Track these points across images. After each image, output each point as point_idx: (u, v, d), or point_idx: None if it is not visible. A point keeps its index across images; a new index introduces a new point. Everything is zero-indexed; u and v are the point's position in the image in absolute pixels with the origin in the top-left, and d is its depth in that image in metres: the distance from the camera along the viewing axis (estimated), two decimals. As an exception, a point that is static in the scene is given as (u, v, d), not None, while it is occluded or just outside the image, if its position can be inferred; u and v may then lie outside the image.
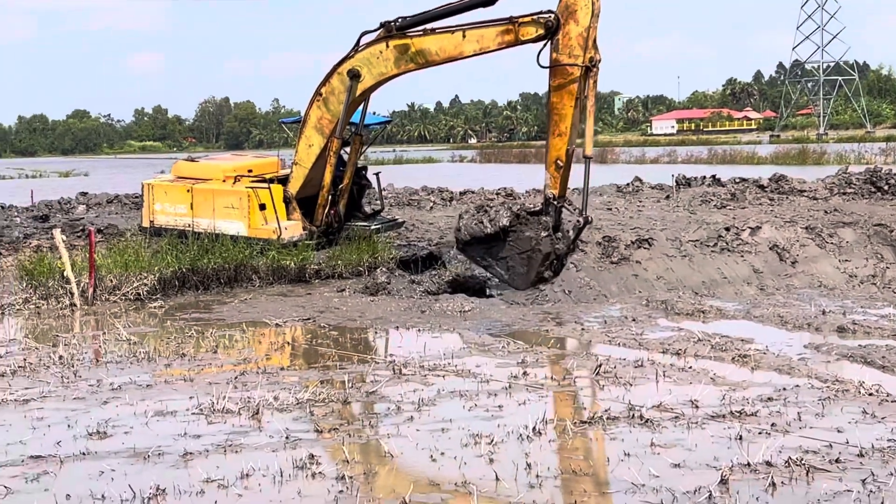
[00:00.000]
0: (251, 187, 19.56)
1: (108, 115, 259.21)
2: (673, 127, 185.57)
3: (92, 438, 9.09)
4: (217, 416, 9.75)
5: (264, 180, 19.91)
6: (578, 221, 16.72)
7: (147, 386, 11.15)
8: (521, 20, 16.72)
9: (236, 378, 11.42)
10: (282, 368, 12.06)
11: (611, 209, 25.41)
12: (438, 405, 10.10)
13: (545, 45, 16.56)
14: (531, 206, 17.69)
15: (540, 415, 9.39)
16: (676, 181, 32.84)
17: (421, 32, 17.84)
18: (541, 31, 16.54)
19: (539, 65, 16.54)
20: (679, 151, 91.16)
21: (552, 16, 16.38)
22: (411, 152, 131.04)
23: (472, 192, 34.17)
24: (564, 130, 16.52)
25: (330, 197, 19.69)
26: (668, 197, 29.16)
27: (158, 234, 19.85)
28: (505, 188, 35.04)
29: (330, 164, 19.36)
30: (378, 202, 22.17)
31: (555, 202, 16.71)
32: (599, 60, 16.47)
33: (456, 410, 9.87)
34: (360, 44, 18.52)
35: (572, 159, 16.91)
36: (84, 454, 8.60)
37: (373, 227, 20.53)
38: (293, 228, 19.45)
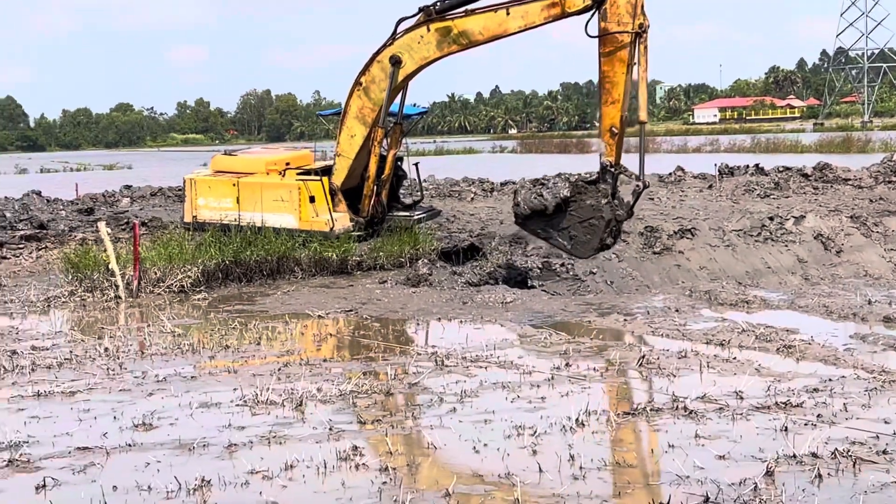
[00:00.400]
0: (301, 179, 19.62)
1: (151, 108, 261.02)
2: (715, 115, 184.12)
3: (138, 430, 9.17)
4: (261, 408, 9.81)
5: (307, 172, 19.97)
6: (638, 186, 16.64)
7: (191, 378, 11.23)
8: None
9: (280, 370, 11.48)
10: (325, 360, 12.10)
11: (653, 199, 25.28)
12: (481, 396, 10.10)
13: (592, 15, 16.46)
14: (587, 175, 17.64)
15: (583, 406, 9.37)
16: (719, 170, 32.61)
17: (462, 13, 17.85)
18: (588, 2, 16.51)
19: (587, 34, 16.40)
20: (721, 140, 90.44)
21: None
22: (452, 143, 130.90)
23: (513, 183, 34.08)
24: (617, 98, 16.46)
25: (374, 187, 19.75)
26: (710, 186, 28.96)
27: (202, 229, 19.86)
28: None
29: (374, 154, 19.41)
30: (418, 192, 22.21)
31: (611, 169, 16.65)
32: (649, 26, 16.34)
33: (498, 402, 9.87)
34: (399, 30, 18.55)
35: (625, 126, 16.88)
36: (130, 445, 8.68)
37: (414, 217, 20.57)
38: (342, 220, 19.53)
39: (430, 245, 19.61)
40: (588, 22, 16.51)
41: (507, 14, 17.40)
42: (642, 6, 16.40)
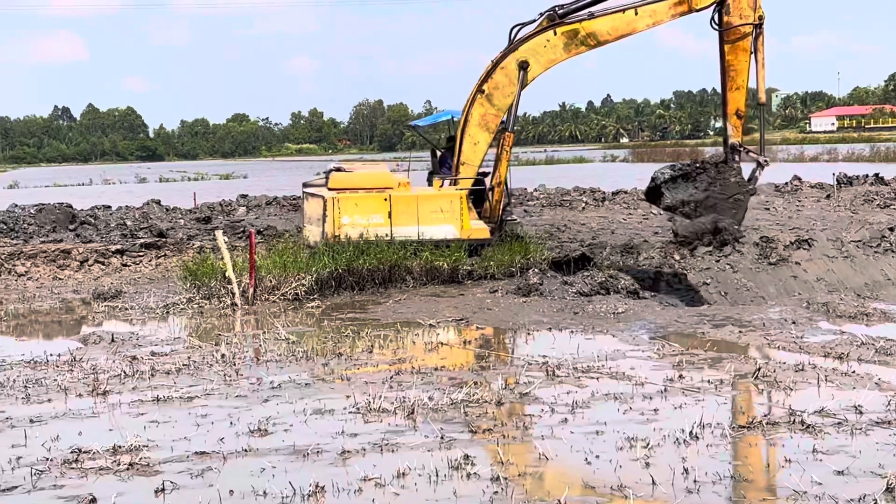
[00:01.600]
0: (461, 189, 19.82)
1: (266, 118, 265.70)
2: (833, 124, 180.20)
3: (253, 436, 9.33)
4: (373, 416, 9.89)
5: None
6: (762, 163, 17.95)
7: (305, 384, 11.39)
8: None
9: (391, 378, 11.57)
10: (436, 369, 12.16)
11: (769, 209, 24.86)
12: (592, 407, 10.04)
13: (715, 9, 17.85)
14: (712, 157, 19.00)
15: (697, 419, 9.24)
16: (837, 180, 31.95)
17: (587, 16, 18.49)
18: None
19: (713, 27, 17.91)
20: (839, 149, 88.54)
21: None
22: (562, 152, 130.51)
23: (625, 192, 33.85)
24: (742, 84, 18.10)
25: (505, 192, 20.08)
26: (828, 196, 28.38)
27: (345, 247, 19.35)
28: (658, 188, 34.59)
29: (506, 159, 19.59)
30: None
31: (740, 148, 17.83)
32: (765, 17, 17.82)
33: (610, 413, 9.80)
34: (517, 36, 18.85)
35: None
36: (246, 451, 8.83)
37: (514, 220, 20.85)
38: (484, 227, 19.81)
39: (540, 255, 19.55)
40: (712, 16, 17.91)
41: (636, 14, 18.28)
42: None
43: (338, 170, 21.25)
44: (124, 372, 12.14)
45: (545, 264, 19.11)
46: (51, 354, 13.43)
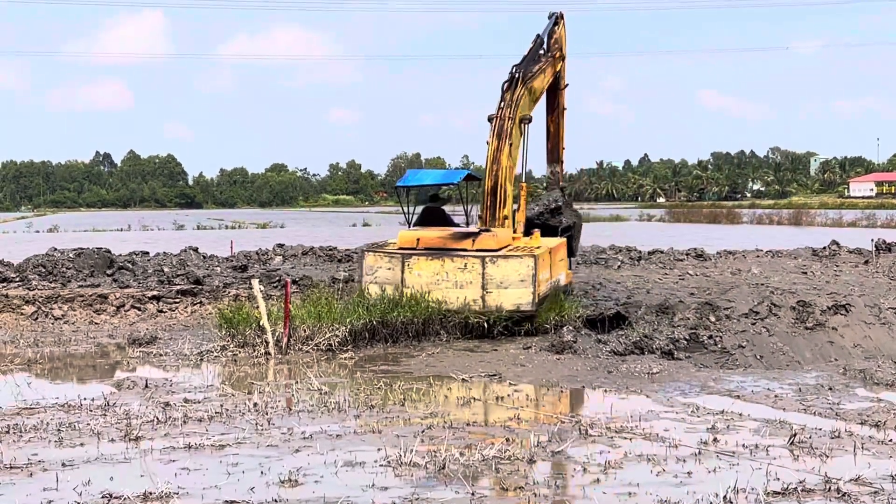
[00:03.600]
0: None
1: (305, 168, 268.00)
2: (872, 189, 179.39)
3: (283, 486, 9.31)
4: (404, 469, 9.85)
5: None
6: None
7: (337, 436, 11.37)
8: None
9: (423, 432, 11.53)
10: (468, 424, 12.11)
11: (806, 273, 24.70)
12: (625, 468, 9.96)
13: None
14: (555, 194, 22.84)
15: (731, 483, 9.14)
16: (876, 245, 31.73)
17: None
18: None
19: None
20: (878, 215, 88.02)
21: None
22: (599, 210, 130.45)
23: (661, 252, 33.77)
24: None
25: None
26: (866, 262, 28.17)
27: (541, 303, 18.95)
28: (695, 248, 34.49)
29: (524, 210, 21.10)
30: None
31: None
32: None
33: (643, 475, 9.71)
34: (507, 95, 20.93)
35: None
36: (276, 501, 8.81)
37: None
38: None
39: (575, 312, 19.48)
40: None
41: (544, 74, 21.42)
42: None
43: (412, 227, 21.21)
44: (157, 418, 12.18)
45: (579, 322, 19.03)
46: (84, 398, 13.50)
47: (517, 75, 20.56)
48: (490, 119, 20.36)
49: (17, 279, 24.33)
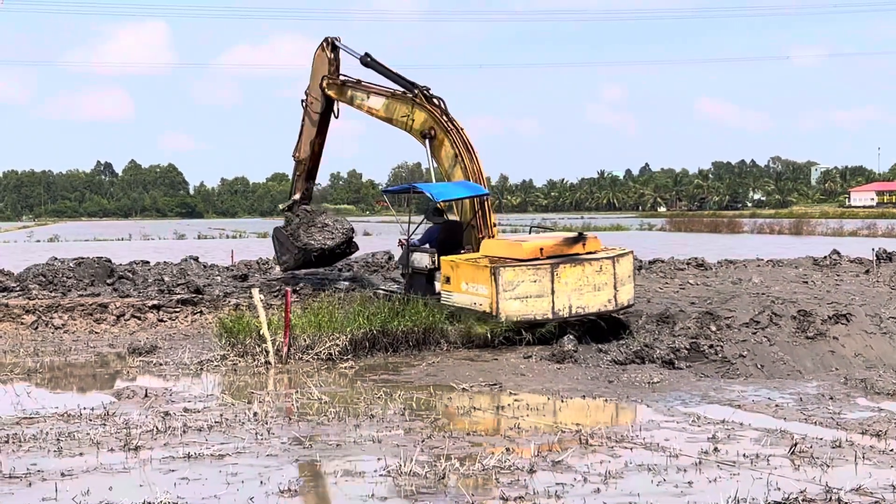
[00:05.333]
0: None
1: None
2: (872, 199, 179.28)
3: (283, 496, 9.29)
4: (404, 479, 9.83)
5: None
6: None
7: (337, 445, 11.35)
8: None
9: (423, 441, 11.51)
10: (468, 433, 12.09)
11: (806, 282, 24.65)
12: (626, 478, 9.94)
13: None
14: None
15: (732, 493, 9.12)
16: (877, 255, 31.65)
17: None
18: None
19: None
20: (879, 224, 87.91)
21: None
22: (599, 219, 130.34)
23: (662, 261, 33.73)
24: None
25: None
26: (867, 271, 28.12)
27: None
28: (696, 258, 34.46)
29: None
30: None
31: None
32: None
33: (644, 484, 9.69)
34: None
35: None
36: (275, 511, 8.79)
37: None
38: None
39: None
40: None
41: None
42: None
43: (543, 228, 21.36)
44: (156, 427, 12.16)
45: (580, 331, 19.00)
46: (84, 408, 13.49)
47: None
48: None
49: (18, 288, 24.32)
